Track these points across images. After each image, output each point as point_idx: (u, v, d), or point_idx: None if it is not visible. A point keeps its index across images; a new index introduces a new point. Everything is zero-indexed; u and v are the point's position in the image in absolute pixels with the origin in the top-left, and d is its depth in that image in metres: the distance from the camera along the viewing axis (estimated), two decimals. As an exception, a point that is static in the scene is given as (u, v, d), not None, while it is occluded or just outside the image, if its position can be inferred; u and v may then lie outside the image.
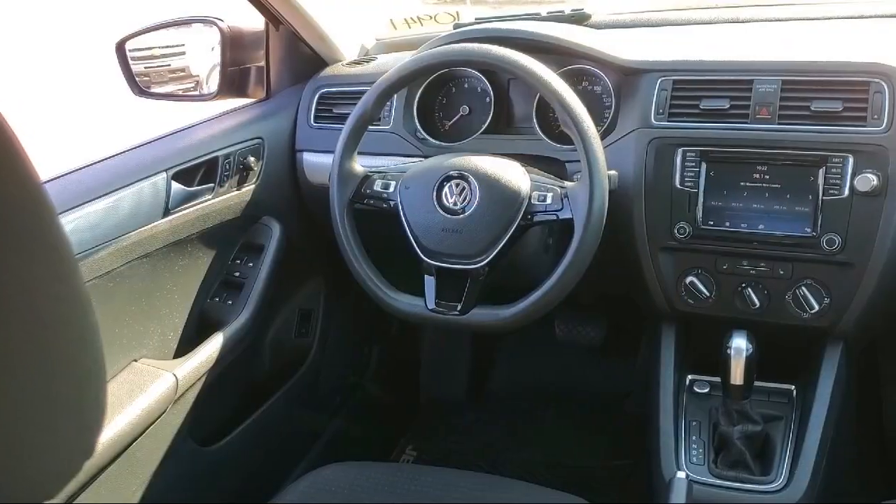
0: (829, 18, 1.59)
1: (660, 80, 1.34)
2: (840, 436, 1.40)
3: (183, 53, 4.87)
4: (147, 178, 1.31)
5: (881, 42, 1.42)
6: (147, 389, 1.27)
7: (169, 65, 4.63)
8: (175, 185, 1.36)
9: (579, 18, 1.61)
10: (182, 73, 4.64)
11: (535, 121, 1.45)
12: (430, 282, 1.26)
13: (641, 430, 1.51)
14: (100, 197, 1.22)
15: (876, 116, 1.21)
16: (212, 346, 1.42)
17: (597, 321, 2.06)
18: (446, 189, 1.25)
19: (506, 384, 2.20)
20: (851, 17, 1.58)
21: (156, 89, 1.88)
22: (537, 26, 1.47)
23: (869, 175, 1.19)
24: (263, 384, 1.65)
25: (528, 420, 2.07)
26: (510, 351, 2.23)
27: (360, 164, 1.33)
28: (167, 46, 4.79)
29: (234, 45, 1.65)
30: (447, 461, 1.96)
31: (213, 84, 1.67)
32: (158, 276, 1.38)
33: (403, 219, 1.27)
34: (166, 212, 1.34)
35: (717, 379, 1.32)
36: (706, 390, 1.39)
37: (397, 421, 2.11)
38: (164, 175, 1.34)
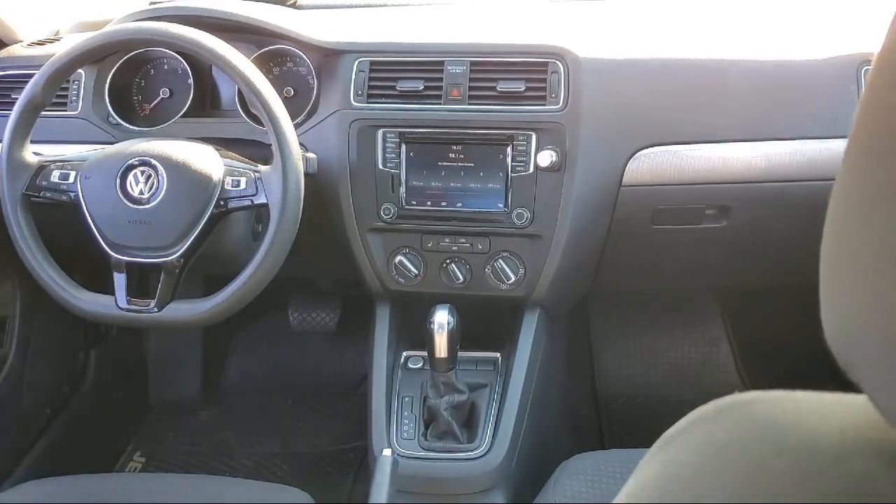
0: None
1: (357, 62, 1.34)
2: (546, 396, 1.49)
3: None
4: None
5: (563, 25, 1.51)
6: None
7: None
8: None
9: (282, -1, 1.59)
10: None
11: (237, 103, 1.40)
12: (119, 279, 1.19)
13: None
14: None
15: (553, 96, 1.29)
16: None
17: (331, 306, 2.05)
18: (131, 177, 1.17)
19: (241, 378, 2.13)
20: None
21: None
22: (235, 6, 1.42)
23: (549, 151, 1.27)
24: None
25: (264, 413, 2.02)
26: (244, 344, 2.16)
27: (34, 154, 1.22)
28: None
29: None
30: (179, 465, 1.87)
31: None
32: None
33: (85, 212, 1.18)
34: None
35: None
36: (419, 365, 1.42)
37: (124, 428, 1.98)
38: None
